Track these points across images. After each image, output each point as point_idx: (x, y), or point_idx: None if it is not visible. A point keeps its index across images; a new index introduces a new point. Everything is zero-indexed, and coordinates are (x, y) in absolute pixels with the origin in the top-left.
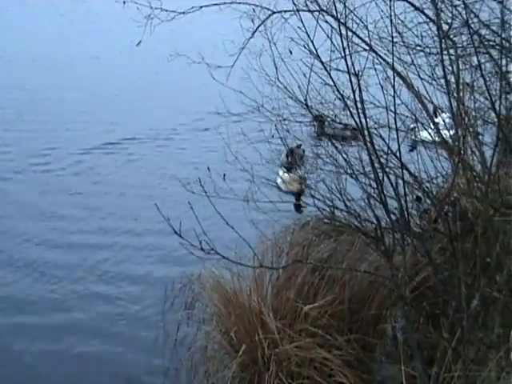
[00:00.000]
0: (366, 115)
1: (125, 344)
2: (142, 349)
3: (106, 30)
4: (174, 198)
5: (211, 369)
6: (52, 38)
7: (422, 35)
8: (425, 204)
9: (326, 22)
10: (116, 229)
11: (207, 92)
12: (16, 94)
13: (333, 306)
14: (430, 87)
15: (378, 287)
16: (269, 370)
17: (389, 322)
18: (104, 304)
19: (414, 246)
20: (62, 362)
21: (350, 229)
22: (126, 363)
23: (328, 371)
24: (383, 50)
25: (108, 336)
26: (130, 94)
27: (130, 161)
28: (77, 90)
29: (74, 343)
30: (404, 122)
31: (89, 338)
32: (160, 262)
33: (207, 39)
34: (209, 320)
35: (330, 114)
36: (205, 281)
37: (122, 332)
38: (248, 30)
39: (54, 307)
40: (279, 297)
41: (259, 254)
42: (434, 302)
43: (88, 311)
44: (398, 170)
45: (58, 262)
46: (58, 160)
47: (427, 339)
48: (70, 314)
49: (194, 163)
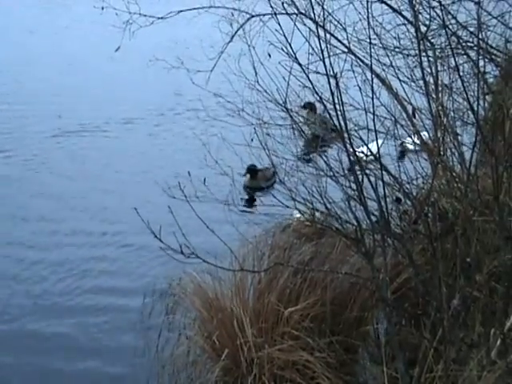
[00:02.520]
0: (345, 117)
1: (105, 351)
2: (122, 355)
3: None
4: (154, 202)
5: (194, 373)
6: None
7: (400, 37)
8: (405, 205)
9: (304, 25)
10: (92, 232)
11: (186, 96)
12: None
13: (315, 308)
14: (409, 89)
15: (359, 289)
16: (252, 374)
17: (371, 323)
18: (82, 311)
19: (395, 248)
20: (38, 370)
21: (331, 231)
22: (106, 371)
23: (311, 374)
24: (362, 52)
25: (87, 343)
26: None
27: (108, 163)
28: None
29: (51, 353)
30: (383, 124)
31: (68, 346)
32: (139, 267)
33: (186, 43)
34: (191, 325)
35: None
36: (186, 285)
37: (102, 339)
38: (227, 34)
39: (30, 315)
40: (261, 300)
41: (240, 257)
42: (415, 303)
43: (66, 318)
44: (377, 171)
45: (31, 266)
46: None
47: (409, 340)
48: (47, 322)
49: (174, 167)
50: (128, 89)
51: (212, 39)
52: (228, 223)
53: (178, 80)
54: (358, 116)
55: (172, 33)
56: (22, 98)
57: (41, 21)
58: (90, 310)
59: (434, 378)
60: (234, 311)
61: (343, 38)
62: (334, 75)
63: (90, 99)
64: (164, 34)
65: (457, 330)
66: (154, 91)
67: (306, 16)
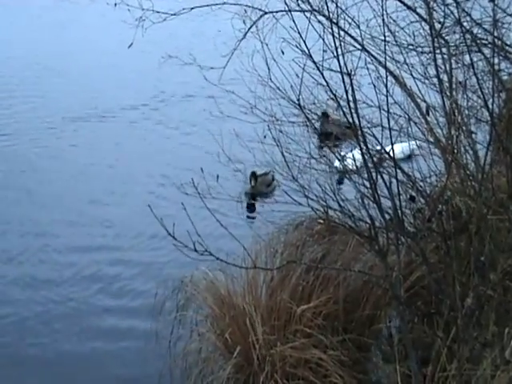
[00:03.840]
0: (358, 115)
1: (118, 347)
2: (135, 351)
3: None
4: (167, 198)
5: (206, 370)
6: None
7: (415, 34)
8: (418, 203)
9: (318, 22)
10: (106, 230)
11: (199, 93)
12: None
13: (327, 306)
14: (423, 86)
15: (372, 287)
16: (264, 371)
17: (383, 322)
18: (96, 306)
19: (408, 246)
20: (53, 365)
21: (344, 229)
22: (119, 365)
23: (323, 372)
24: (375, 50)
25: (101, 338)
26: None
27: (120, 160)
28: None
29: (65, 348)
30: (397, 122)
31: (82, 341)
32: (152, 264)
33: (199, 41)
34: (203, 322)
35: None
36: (198, 282)
37: (115, 335)
38: (240, 30)
39: (41, 313)
40: (273, 298)
41: (253, 254)
42: (428, 301)
43: (80, 314)
44: (391, 169)
45: (40, 266)
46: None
47: (422, 338)
48: (60, 319)
49: (187, 164)
50: (139, 86)
51: (226, 36)
52: (241, 220)
53: (191, 77)
54: (372, 113)
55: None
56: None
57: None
58: (102, 305)
59: (447, 377)
60: (246, 308)
61: (357, 35)
62: (347, 73)
63: (103, 98)
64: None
65: (470, 329)
66: (166, 88)
67: (320, 13)
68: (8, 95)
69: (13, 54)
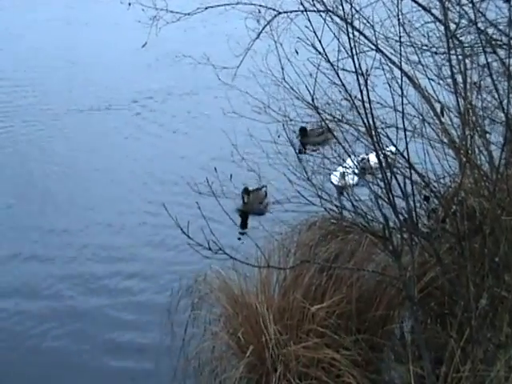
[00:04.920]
0: (373, 115)
1: (132, 344)
2: (149, 348)
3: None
4: (181, 197)
5: (218, 369)
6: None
7: (429, 35)
8: (432, 204)
9: (332, 22)
10: (121, 228)
11: (212, 93)
12: None
13: (340, 306)
14: (437, 87)
15: (385, 287)
16: (276, 371)
17: (396, 322)
18: (109, 304)
19: (422, 246)
20: (67, 362)
21: (357, 229)
22: (133, 362)
23: (336, 372)
24: (390, 50)
25: (115, 337)
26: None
27: (135, 159)
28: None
29: (80, 344)
30: (411, 122)
31: (97, 338)
32: (166, 263)
33: (212, 40)
34: (216, 321)
35: (337, 114)
36: (211, 281)
37: (129, 332)
38: (253, 30)
39: (60, 301)
40: (286, 297)
41: (266, 254)
42: (441, 302)
43: (93, 309)
44: (405, 169)
45: (52, 263)
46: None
47: (435, 339)
48: (75, 317)
49: (200, 163)
50: (151, 85)
51: (239, 36)
52: (254, 220)
53: (204, 76)
54: (385, 114)
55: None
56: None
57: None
58: (117, 303)
59: (460, 378)
60: (259, 308)
61: (371, 36)
62: (362, 73)
63: (114, 91)
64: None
65: (484, 330)
66: (178, 85)
67: (334, 13)
68: (16, 86)
69: (28, 47)
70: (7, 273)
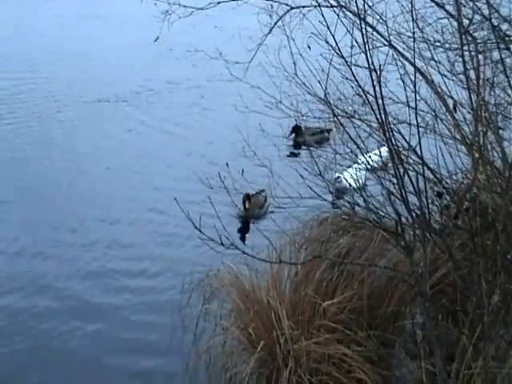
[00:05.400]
0: (386, 111)
1: (144, 336)
2: (160, 341)
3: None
4: (193, 192)
5: (229, 364)
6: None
7: (442, 30)
8: (445, 200)
9: (345, 18)
10: (131, 223)
11: (224, 88)
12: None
13: (352, 301)
14: (450, 83)
15: (397, 283)
16: (287, 367)
17: (408, 318)
18: (121, 298)
19: (434, 242)
20: (80, 352)
21: (370, 224)
22: (144, 356)
23: (347, 367)
24: (402, 46)
25: (125, 330)
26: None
27: (145, 155)
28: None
29: (93, 339)
30: (424, 118)
31: (109, 332)
32: (178, 257)
33: (224, 35)
34: (227, 315)
35: (349, 109)
36: (223, 276)
37: (141, 325)
38: (266, 25)
39: (73, 298)
40: (297, 292)
41: (277, 249)
42: (453, 299)
43: (105, 305)
44: (417, 166)
45: (65, 261)
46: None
47: (446, 336)
48: (86, 313)
49: (212, 158)
50: (163, 81)
51: (251, 30)
52: (265, 215)
53: (215, 71)
54: (398, 110)
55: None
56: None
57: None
58: (128, 298)
59: (472, 375)
60: (270, 303)
61: (384, 31)
62: (375, 69)
63: (125, 83)
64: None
65: (497, 327)
66: (190, 81)
67: (347, 9)
68: (30, 78)
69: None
70: (16, 270)
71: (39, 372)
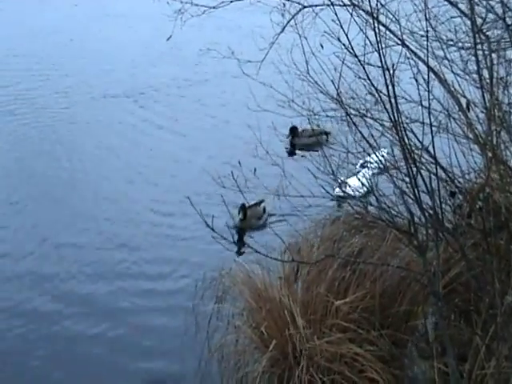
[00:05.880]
0: (398, 110)
1: (157, 335)
2: (173, 339)
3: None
4: (205, 191)
5: (241, 362)
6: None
7: (455, 29)
8: (458, 199)
9: (357, 16)
10: (146, 221)
11: (236, 86)
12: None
13: (364, 301)
14: (463, 82)
15: (409, 283)
16: (299, 366)
17: (420, 318)
18: (135, 296)
19: (447, 242)
20: (94, 349)
21: (382, 224)
22: (158, 354)
23: (359, 367)
24: (415, 45)
25: (139, 328)
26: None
27: (159, 154)
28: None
29: (107, 335)
30: (436, 117)
31: (124, 332)
32: (191, 256)
33: (236, 34)
34: (239, 314)
35: (362, 108)
36: (235, 275)
37: (154, 324)
38: (278, 24)
39: (87, 299)
40: (310, 292)
41: (290, 248)
42: (466, 298)
43: (118, 305)
44: (430, 165)
45: (84, 256)
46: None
47: (459, 336)
48: (101, 308)
49: (225, 157)
50: (174, 79)
51: (264, 29)
52: (278, 214)
53: (228, 70)
54: (410, 109)
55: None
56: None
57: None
58: (142, 293)
59: (485, 375)
60: (282, 302)
61: (397, 30)
62: (387, 67)
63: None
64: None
65: (510, 327)
66: (201, 80)
67: (360, 7)
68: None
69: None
70: (30, 270)
71: (54, 374)
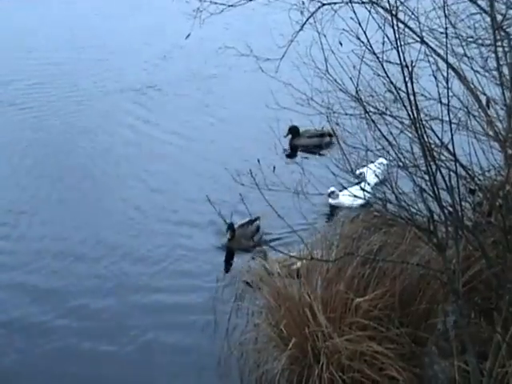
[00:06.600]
0: (418, 107)
1: (177, 332)
2: (193, 337)
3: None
4: (224, 189)
5: (260, 360)
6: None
7: (475, 26)
8: (477, 197)
9: (376, 14)
10: (165, 219)
11: (255, 84)
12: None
13: (383, 299)
14: (483, 79)
15: (429, 281)
16: (319, 364)
17: (440, 316)
18: (155, 294)
19: (467, 239)
20: (117, 347)
21: (400, 222)
22: (178, 350)
23: (379, 364)
24: (435, 42)
25: (160, 324)
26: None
27: (178, 153)
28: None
29: (131, 336)
30: (456, 115)
31: (146, 329)
32: (211, 254)
33: (255, 32)
34: (258, 312)
35: (381, 106)
36: (255, 273)
37: (174, 321)
38: (297, 22)
39: (110, 296)
40: (329, 290)
41: (309, 246)
42: (486, 297)
43: (143, 305)
44: (450, 162)
45: (103, 253)
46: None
47: (479, 334)
48: (125, 304)
49: (243, 155)
50: (193, 75)
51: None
52: (297, 212)
53: (247, 68)
54: (430, 106)
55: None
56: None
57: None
58: (162, 290)
59: (506, 373)
60: (301, 300)
61: (416, 27)
62: (406, 65)
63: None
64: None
65: None
66: (220, 76)
67: (378, 5)
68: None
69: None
70: (35, 284)
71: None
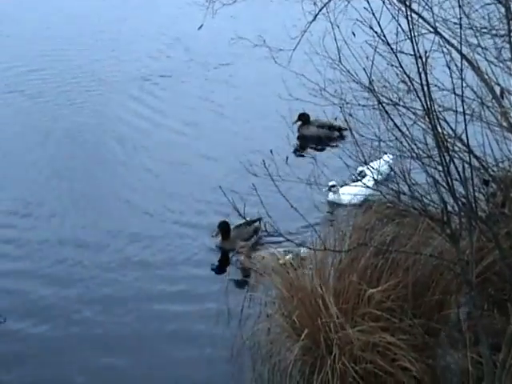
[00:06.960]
0: (431, 98)
1: (189, 322)
2: (205, 327)
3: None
4: (237, 179)
5: (273, 350)
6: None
7: (489, 16)
8: (491, 188)
9: (390, 4)
10: (177, 210)
11: (267, 75)
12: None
13: (396, 290)
14: (497, 69)
15: (442, 272)
16: (331, 354)
17: (453, 307)
18: (169, 283)
19: (481, 230)
20: (129, 335)
21: (415, 212)
22: (190, 341)
23: (392, 356)
24: (448, 32)
25: (173, 314)
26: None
27: (190, 142)
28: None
29: (143, 328)
30: (470, 105)
31: (158, 321)
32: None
33: (268, 22)
34: (271, 303)
35: (394, 97)
36: (267, 264)
37: (187, 311)
38: (310, 12)
39: (123, 291)
40: (342, 280)
41: (322, 237)
42: (500, 288)
43: (157, 298)
44: (463, 153)
45: (113, 249)
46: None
47: (492, 325)
48: (138, 292)
49: (257, 145)
50: (207, 67)
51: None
52: (310, 202)
53: (260, 58)
54: (443, 97)
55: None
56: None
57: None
58: (175, 280)
59: None
60: (314, 291)
61: (429, 17)
62: (420, 56)
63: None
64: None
65: None
66: (233, 69)
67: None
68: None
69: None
70: (43, 292)
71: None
